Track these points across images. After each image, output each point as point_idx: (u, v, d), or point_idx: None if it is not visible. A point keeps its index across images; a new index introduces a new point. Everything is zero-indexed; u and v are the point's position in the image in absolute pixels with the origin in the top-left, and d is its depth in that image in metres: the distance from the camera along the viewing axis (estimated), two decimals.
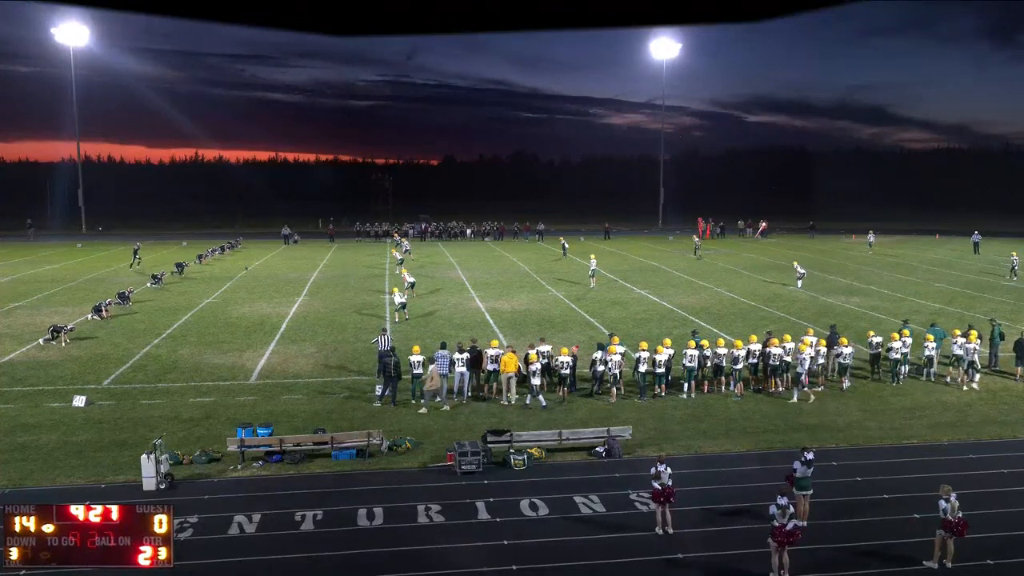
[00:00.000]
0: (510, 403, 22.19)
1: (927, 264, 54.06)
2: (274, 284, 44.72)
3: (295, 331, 31.79)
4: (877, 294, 40.88)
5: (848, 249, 65.75)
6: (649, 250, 63.79)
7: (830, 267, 52.49)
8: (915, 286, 43.82)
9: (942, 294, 40.87)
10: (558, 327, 32.20)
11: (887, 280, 46.05)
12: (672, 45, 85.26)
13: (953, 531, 13.19)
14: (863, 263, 54.89)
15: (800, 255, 59.76)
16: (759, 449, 18.95)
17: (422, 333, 31.15)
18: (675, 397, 22.85)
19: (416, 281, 41.21)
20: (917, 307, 36.55)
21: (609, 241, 73.22)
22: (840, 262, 55.92)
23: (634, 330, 30.63)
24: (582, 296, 39.87)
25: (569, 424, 20.08)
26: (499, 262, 56.15)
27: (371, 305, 37.76)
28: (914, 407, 22.20)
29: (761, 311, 36.06)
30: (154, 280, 43.21)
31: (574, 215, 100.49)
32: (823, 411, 21.80)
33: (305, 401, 22.31)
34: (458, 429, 20.03)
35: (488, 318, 34.35)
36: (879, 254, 60.51)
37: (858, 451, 18.85)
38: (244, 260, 56.13)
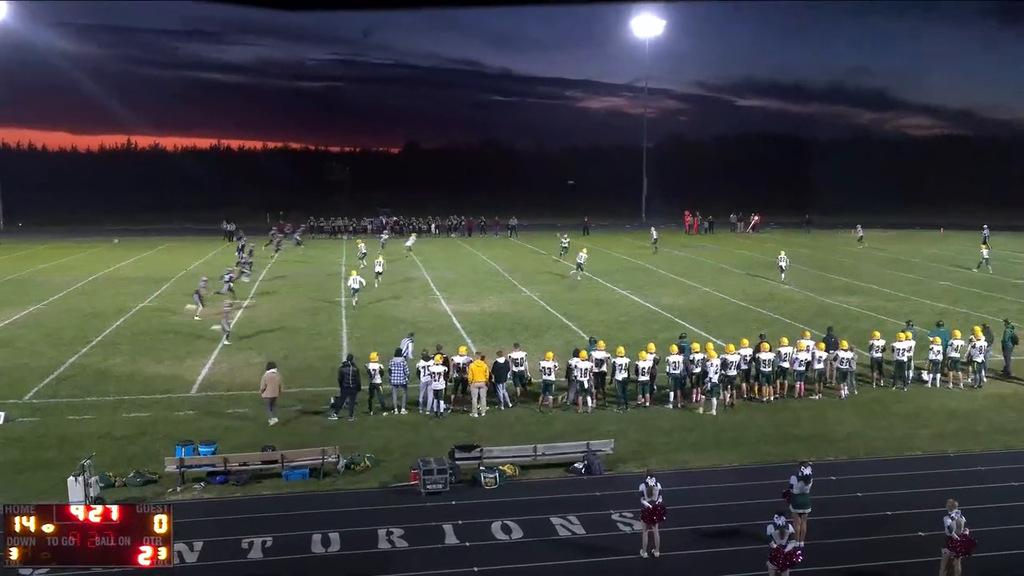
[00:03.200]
0: (480, 415, 22.20)
1: (931, 261, 54.90)
2: (216, 285, 44.23)
3: (241, 338, 31.51)
4: (878, 293, 41.43)
5: (846, 245, 66.56)
6: (631, 246, 64.12)
7: (828, 264, 53.12)
8: (918, 285, 44.47)
9: (948, 293, 41.54)
10: (533, 331, 32.23)
11: (889, 278, 46.68)
12: (655, 22, 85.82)
13: (959, 550, 13.39)
14: (863, 260, 55.63)
15: (794, 252, 60.42)
16: (752, 463, 19.11)
17: (382, 338, 30.99)
18: (660, 407, 22.99)
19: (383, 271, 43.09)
20: (920, 307, 37.12)
21: (588, 237, 73.39)
22: (838, 259, 56.60)
23: (616, 334, 30.74)
24: (561, 296, 39.96)
25: (545, 438, 20.10)
26: (467, 260, 56.11)
27: (327, 308, 37.54)
28: (918, 415, 22.52)
29: (753, 312, 36.38)
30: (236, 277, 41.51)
31: (552, 208, 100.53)
32: (820, 420, 22.04)
33: (252, 415, 22.12)
34: (422, 445, 19.97)
35: (455, 322, 34.30)
36: (874, 249, 61.36)
37: (858, 464, 19.09)
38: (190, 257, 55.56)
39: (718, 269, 51.12)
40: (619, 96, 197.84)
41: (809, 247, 64.78)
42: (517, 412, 22.63)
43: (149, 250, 62.52)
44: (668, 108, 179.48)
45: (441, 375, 22.32)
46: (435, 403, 22.31)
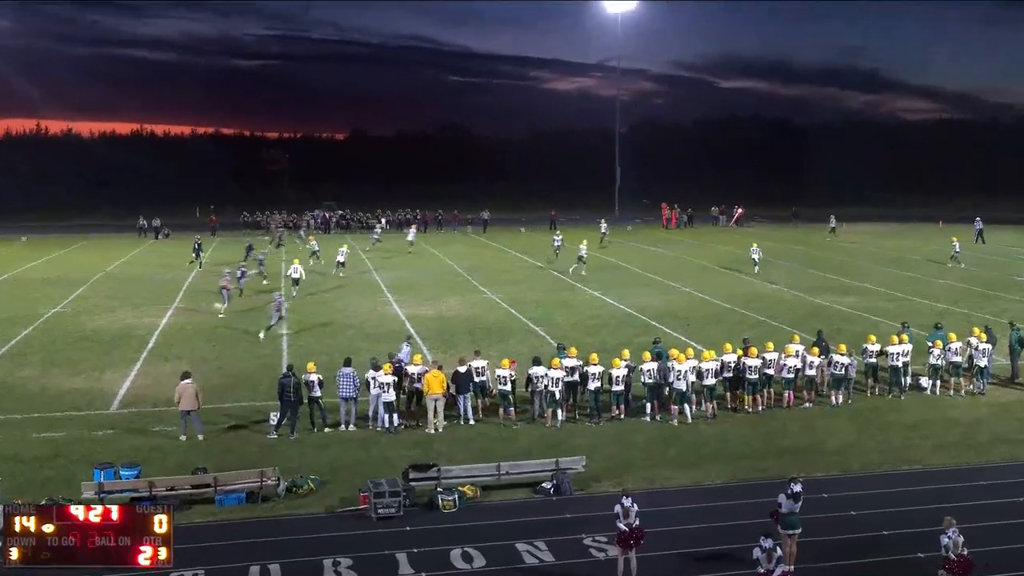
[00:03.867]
0: (437, 431, 22.15)
1: (929, 257, 55.85)
2: (140, 288, 43.81)
3: (168, 346, 31.21)
4: (873, 293, 42.05)
5: (839, 240, 67.50)
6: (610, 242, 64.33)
7: (818, 261, 53.84)
8: (916, 283, 45.20)
9: (948, 292, 42.28)
10: (496, 336, 32.25)
11: (884, 276, 47.40)
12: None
13: (956, 572, 13.59)
14: (856, 256, 56.42)
15: (782, 248, 61.09)
16: (737, 480, 19.27)
17: (327, 346, 30.86)
18: (636, 420, 23.09)
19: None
20: (919, 307, 37.72)
21: (556, 231, 73.62)
22: (830, 255, 57.40)
23: (586, 339, 30.85)
24: (526, 298, 40.03)
25: (509, 455, 20.08)
26: (423, 259, 56.02)
27: (263, 311, 37.23)
28: (916, 424, 22.86)
29: (737, 314, 36.72)
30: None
31: (516, 200, 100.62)
32: (811, 432, 22.29)
33: (181, 434, 21.89)
34: (372, 464, 19.87)
35: (409, 327, 34.24)
36: (868, 244, 62.28)
37: (852, 479, 19.32)
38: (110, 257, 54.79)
39: (699, 267, 51.54)
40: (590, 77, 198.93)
41: (797, 242, 65.59)
42: (478, 427, 22.61)
43: (62, 249, 61.69)
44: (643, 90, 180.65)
45: (391, 386, 22.23)
46: (386, 417, 22.23)
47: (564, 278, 46.35)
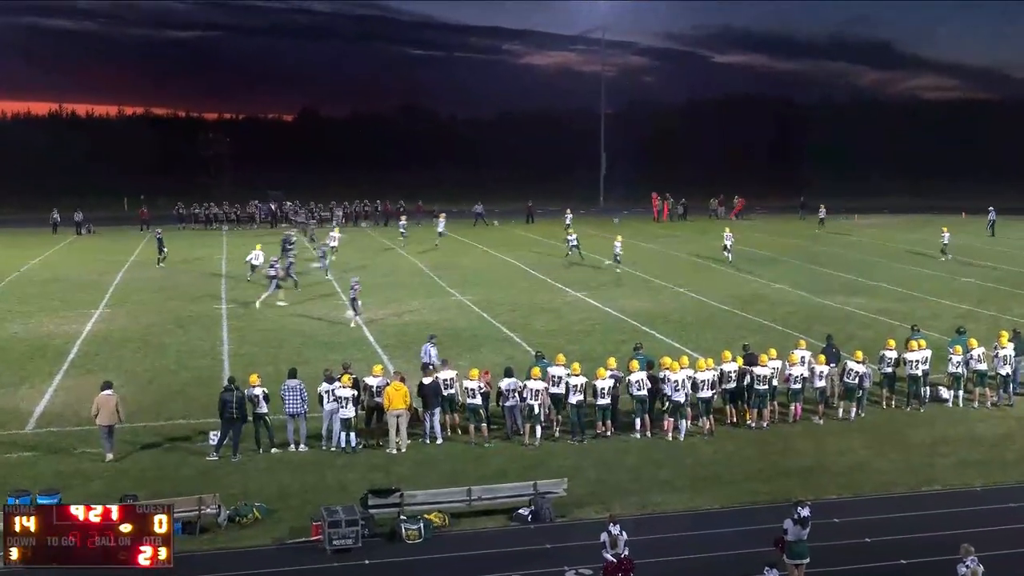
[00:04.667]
0: (399, 451, 22.10)
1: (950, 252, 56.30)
2: (59, 291, 43.42)
3: (92, 357, 31.02)
4: (888, 292, 42.41)
5: (848, 233, 67.99)
6: (587, 237, 64.41)
7: (827, 258, 54.22)
8: (936, 281, 45.66)
9: (972, 291, 42.77)
10: (466, 344, 32.24)
11: (900, 274, 47.84)
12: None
13: None
14: (869, 252, 56.87)
15: (786, 243, 61.47)
16: (738, 504, 19.34)
17: (273, 356, 30.74)
18: (624, 437, 23.15)
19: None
20: (939, 309, 38.09)
21: (532, 226, 73.67)
22: (839, 251, 57.83)
23: (568, 346, 30.88)
24: (500, 301, 40.04)
25: (481, 478, 20.08)
26: (383, 256, 55.94)
27: (204, 319, 37.07)
28: (936, 441, 23.07)
29: (737, 317, 36.92)
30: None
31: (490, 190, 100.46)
32: (820, 450, 22.43)
33: (107, 453, 21.70)
34: (326, 490, 19.81)
35: (367, 334, 34.14)
36: (881, 237, 62.79)
37: (866, 502, 19.45)
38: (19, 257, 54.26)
39: (694, 265, 51.74)
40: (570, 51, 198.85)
41: (804, 236, 66.03)
42: (446, 446, 22.59)
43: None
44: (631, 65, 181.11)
45: (349, 400, 22.16)
46: (343, 436, 22.14)
47: (543, 277, 46.38)
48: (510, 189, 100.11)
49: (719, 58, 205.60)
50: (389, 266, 51.51)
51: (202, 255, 55.67)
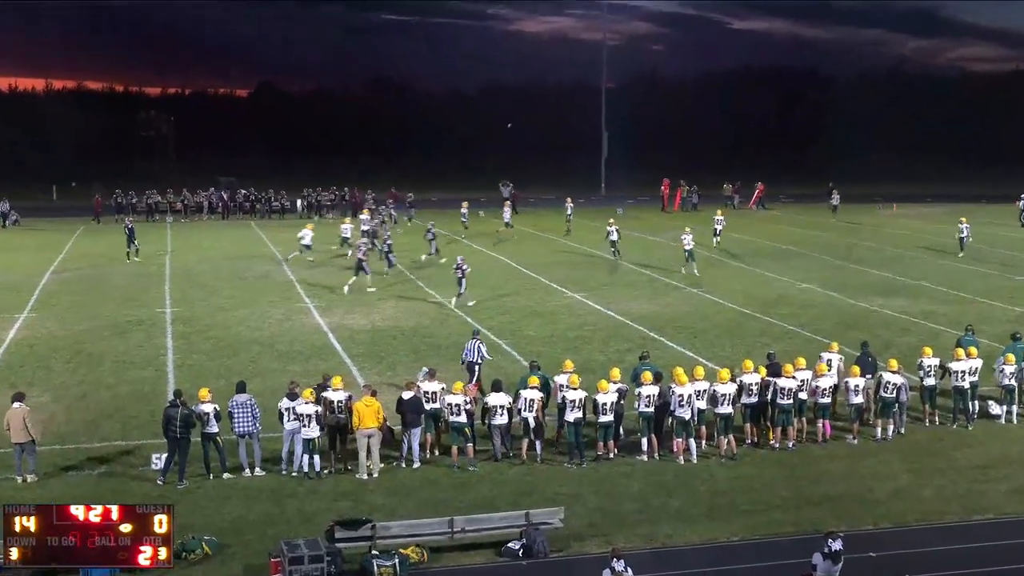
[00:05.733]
0: (370, 476, 22.06)
1: (1002, 245, 56.58)
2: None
3: (15, 370, 30.93)
4: (931, 293, 42.55)
5: (884, 226, 68.14)
6: (587, 231, 64.58)
7: (859, 253, 54.32)
8: (986, 280, 45.85)
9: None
10: (448, 353, 32.17)
11: (945, 272, 48.00)
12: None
13: None
14: (907, 247, 57.00)
15: (812, 235, 61.57)
16: (760, 536, 19.33)
17: (225, 367, 30.67)
18: (629, 459, 23.14)
19: None
20: (990, 312, 38.19)
21: (519, 216, 73.62)
22: (874, 245, 57.95)
23: (565, 356, 30.82)
24: (486, 304, 40.02)
25: (465, 506, 20.05)
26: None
27: (145, 324, 36.98)
28: (988, 464, 23.08)
29: (759, 322, 37.00)
30: None
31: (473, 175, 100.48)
32: (854, 474, 22.44)
33: (30, 482, 21.60)
34: (287, 521, 19.76)
35: (333, 341, 34.13)
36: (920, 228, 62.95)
37: (908, 534, 19.45)
38: None
39: (708, 260, 51.77)
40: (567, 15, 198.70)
41: (832, 228, 66.12)
42: (425, 471, 22.54)
43: None
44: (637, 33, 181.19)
45: (312, 418, 22.07)
46: (305, 459, 22.09)
47: (539, 277, 46.36)
48: (496, 174, 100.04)
49: (737, 24, 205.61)
50: (353, 262, 51.22)
51: (144, 250, 55.43)
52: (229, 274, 47.17)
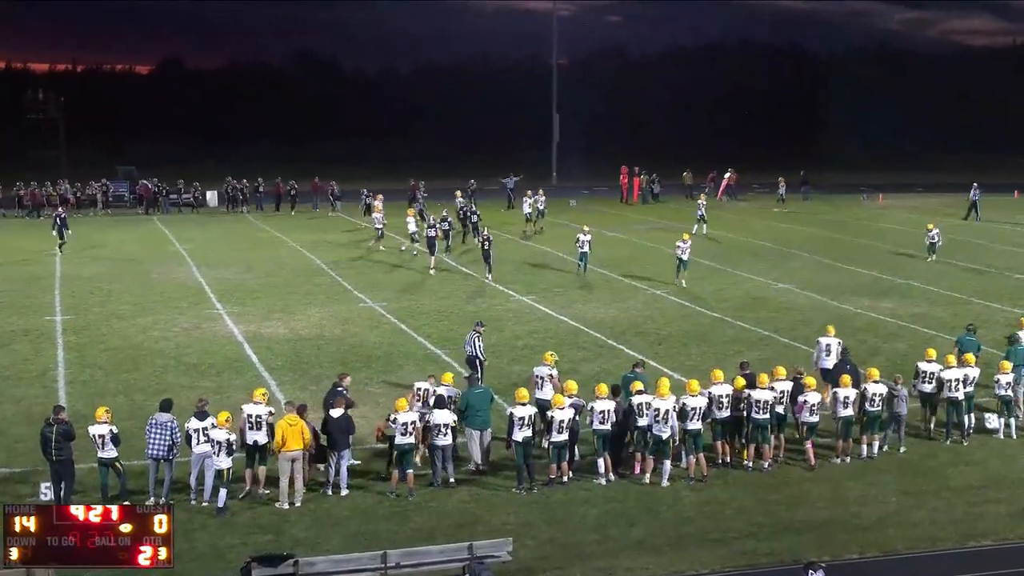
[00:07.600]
0: (293, 505, 21.97)
1: (1000, 241, 57.30)
2: None
3: None
4: (923, 294, 43.01)
5: (869, 220, 68.77)
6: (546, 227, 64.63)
7: (844, 249, 54.88)
8: (983, 279, 46.50)
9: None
10: (379, 365, 32.16)
11: (938, 270, 48.55)
12: None
13: None
14: (896, 243, 57.55)
15: (787, 229, 61.97)
16: (732, 567, 19.40)
17: (125, 383, 30.46)
18: (586, 483, 23.19)
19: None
20: (989, 314, 38.66)
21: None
22: (859, 241, 58.51)
23: (511, 367, 30.91)
24: (423, 308, 39.99)
25: (401, 539, 20.03)
26: (268, 249, 55.77)
27: (31, 334, 36.67)
28: (985, 484, 23.33)
29: (731, 327, 37.24)
30: None
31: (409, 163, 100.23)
32: (838, 497, 22.60)
33: None
34: (200, 557, 19.69)
35: (248, 351, 34.01)
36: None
37: (896, 563, 19.61)
38: None
39: (670, 258, 51.92)
40: None
41: (812, 223, 66.65)
42: (355, 498, 22.47)
43: None
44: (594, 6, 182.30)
45: (226, 445, 21.87)
46: (223, 494, 21.89)
47: (482, 278, 46.39)
48: (434, 161, 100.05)
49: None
50: (272, 263, 51.27)
51: (29, 250, 54.88)
52: (129, 277, 46.70)
